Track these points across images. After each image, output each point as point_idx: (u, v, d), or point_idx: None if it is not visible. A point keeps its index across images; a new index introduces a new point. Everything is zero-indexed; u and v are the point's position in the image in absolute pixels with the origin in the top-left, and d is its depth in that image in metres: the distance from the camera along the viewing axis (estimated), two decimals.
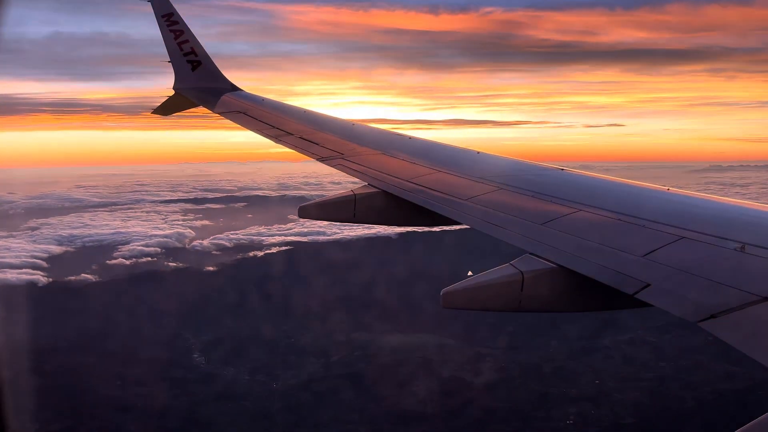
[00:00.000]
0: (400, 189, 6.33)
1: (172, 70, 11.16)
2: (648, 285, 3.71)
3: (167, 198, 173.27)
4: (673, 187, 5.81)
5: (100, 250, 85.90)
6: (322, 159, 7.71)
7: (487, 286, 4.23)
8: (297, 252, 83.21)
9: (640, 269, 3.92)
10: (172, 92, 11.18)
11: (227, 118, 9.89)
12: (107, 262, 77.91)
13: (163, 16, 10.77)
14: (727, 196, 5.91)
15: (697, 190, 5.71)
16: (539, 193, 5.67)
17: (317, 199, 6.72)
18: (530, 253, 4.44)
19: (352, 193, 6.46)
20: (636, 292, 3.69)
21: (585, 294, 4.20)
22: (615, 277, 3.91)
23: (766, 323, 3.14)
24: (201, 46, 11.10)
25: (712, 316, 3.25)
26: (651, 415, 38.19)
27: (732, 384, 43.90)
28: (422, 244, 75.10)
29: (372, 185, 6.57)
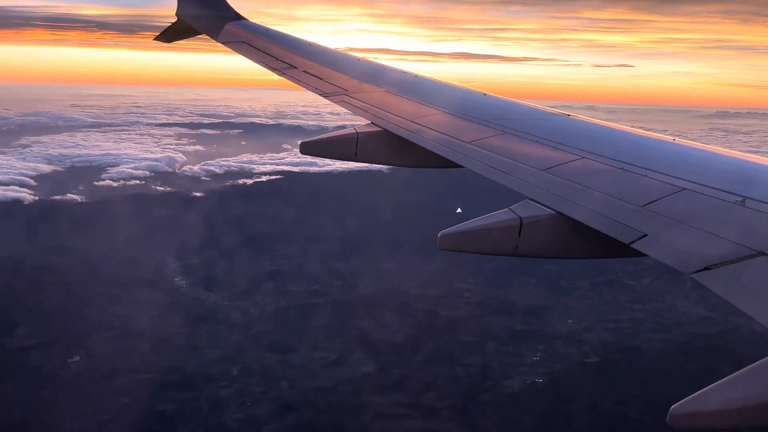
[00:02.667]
0: (403, 129, 6.25)
1: None
2: (645, 235, 3.72)
3: (162, 121, 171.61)
4: (676, 133, 5.75)
5: (89, 171, 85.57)
6: (325, 94, 7.62)
7: (484, 230, 4.25)
8: (287, 181, 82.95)
9: (638, 219, 3.93)
10: (174, 18, 10.85)
11: (230, 48, 9.70)
12: (95, 183, 77.73)
13: None
14: (729, 144, 5.62)
15: (700, 136, 5.75)
16: (543, 138, 5.61)
17: (319, 136, 6.66)
18: (530, 199, 4.44)
19: (354, 131, 6.40)
20: (632, 242, 3.71)
21: (582, 241, 4.26)
22: (612, 226, 3.93)
23: (760, 277, 3.12)
24: None
25: (706, 268, 3.26)
26: (616, 354, 38.82)
27: (704, 328, 44.56)
28: (413, 181, 74.72)
29: (375, 124, 6.48)
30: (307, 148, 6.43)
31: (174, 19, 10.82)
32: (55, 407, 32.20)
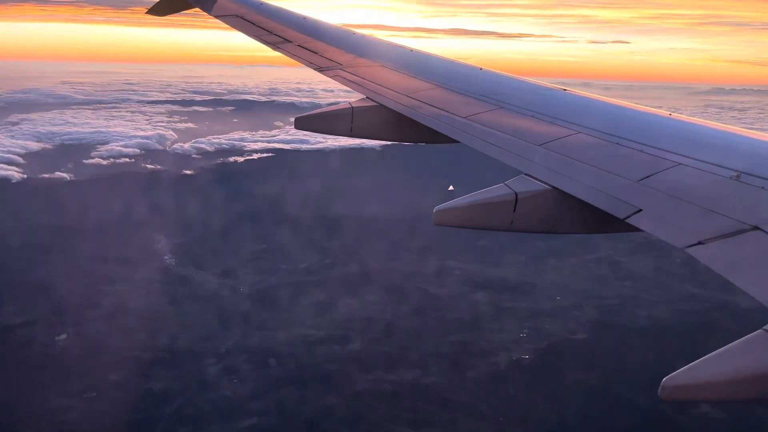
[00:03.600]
0: (399, 104, 6.20)
1: None
2: (639, 210, 3.73)
3: (154, 99, 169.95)
4: (671, 109, 5.67)
5: (78, 148, 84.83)
6: (320, 69, 7.50)
7: (480, 205, 4.26)
8: (278, 159, 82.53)
9: (633, 194, 3.94)
10: None
11: (224, 21, 9.54)
12: (84, 161, 77.11)
13: None
14: (723, 121, 5.66)
15: (695, 113, 5.79)
16: (539, 113, 5.59)
17: (314, 111, 6.59)
18: (525, 174, 4.44)
19: (349, 105, 6.33)
20: (627, 217, 3.72)
21: (577, 216, 4.27)
22: (607, 201, 3.94)
23: (753, 251, 3.13)
24: None
25: (700, 243, 3.26)
26: (602, 331, 39.05)
27: (691, 305, 44.87)
28: (405, 158, 74.46)
29: (370, 98, 6.42)
30: (301, 123, 6.37)
31: None
32: (42, 385, 32.29)
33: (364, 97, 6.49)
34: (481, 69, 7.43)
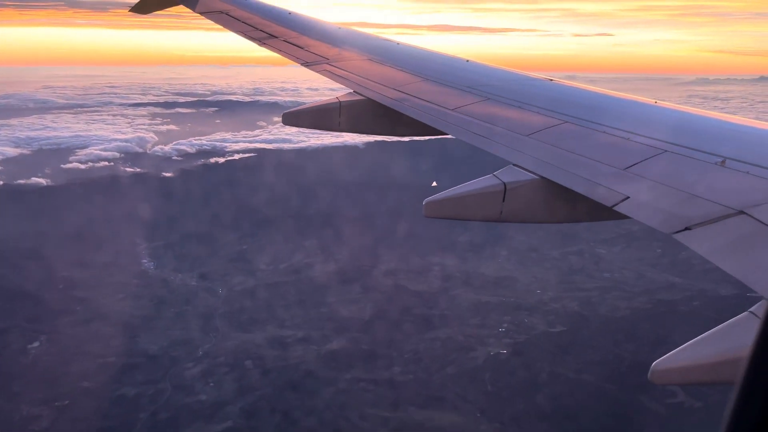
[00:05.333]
0: (386, 97, 6.19)
1: None
2: (627, 198, 3.78)
3: (137, 101, 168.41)
4: (658, 99, 5.71)
5: (56, 153, 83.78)
6: (306, 64, 7.49)
7: (469, 196, 4.29)
8: (259, 159, 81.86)
9: (620, 182, 3.98)
10: None
11: (209, 18, 9.44)
12: (62, 166, 76.12)
13: None
14: (707, 110, 5.73)
15: (678, 103, 5.63)
16: (526, 104, 5.62)
17: (302, 106, 6.59)
18: (514, 164, 4.47)
19: (337, 100, 6.32)
20: (615, 205, 3.76)
21: (565, 205, 4.32)
22: (595, 189, 3.98)
23: (739, 235, 3.16)
24: None
25: (687, 229, 3.32)
26: (580, 323, 39.00)
27: (671, 294, 44.96)
28: (388, 155, 74.17)
29: (357, 92, 6.41)
30: (289, 119, 6.34)
31: None
32: (13, 395, 31.75)
33: (352, 91, 6.46)
34: (467, 61, 7.44)
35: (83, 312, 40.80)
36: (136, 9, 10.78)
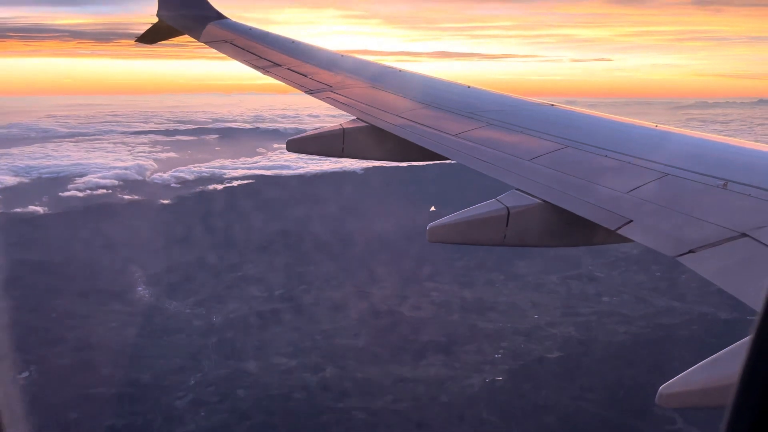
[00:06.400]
0: (389, 123, 6.27)
1: None
2: (630, 221, 3.77)
3: (138, 129, 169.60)
4: (658, 123, 5.72)
5: (55, 182, 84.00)
6: (310, 91, 7.60)
7: (473, 221, 4.29)
8: (258, 186, 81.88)
9: (623, 205, 3.98)
10: (155, 19, 10.70)
11: (213, 47, 9.64)
12: (60, 194, 76.21)
13: None
14: (706, 133, 5.63)
15: (678, 127, 5.66)
16: (528, 129, 5.65)
17: (306, 133, 6.72)
18: (516, 189, 4.48)
19: (340, 127, 6.41)
20: (618, 228, 3.76)
21: (568, 229, 4.31)
22: (598, 213, 3.98)
23: (742, 258, 3.17)
24: None
25: (691, 251, 3.31)
26: (577, 348, 38.43)
27: (669, 318, 44.40)
28: (387, 181, 74.17)
29: (361, 119, 6.50)
30: (293, 146, 6.44)
31: (155, 20, 10.66)
32: None
33: (355, 117, 6.55)
34: (469, 87, 7.56)
35: (75, 341, 40.35)
36: (142, 39, 10.92)
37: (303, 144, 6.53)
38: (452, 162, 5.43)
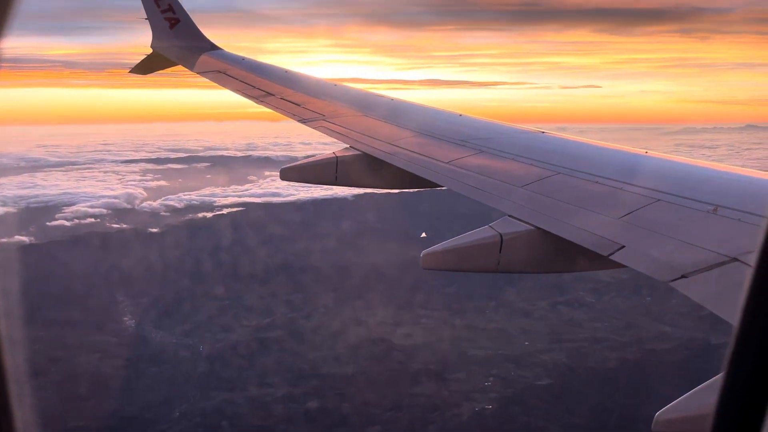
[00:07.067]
0: (382, 152, 6.31)
1: (129, 26, 10.42)
2: (623, 247, 3.77)
3: (129, 158, 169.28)
4: (643, 150, 5.74)
5: (43, 211, 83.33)
6: (303, 120, 7.66)
7: (466, 248, 4.28)
8: (247, 213, 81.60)
9: (615, 231, 3.98)
10: (149, 50, 10.85)
11: (207, 78, 9.72)
12: (47, 223, 75.57)
13: None
14: (694, 158, 5.75)
15: (667, 153, 5.65)
16: (519, 156, 5.67)
17: (299, 161, 6.74)
18: (509, 215, 4.48)
19: (334, 155, 6.44)
20: (611, 254, 3.75)
21: (561, 255, 4.31)
22: (591, 239, 3.97)
23: (734, 282, 3.15)
24: (179, 2, 10.59)
25: (683, 276, 3.32)
26: (568, 375, 38.02)
27: (661, 344, 44.15)
28: (378, 207, 74.03)
29: (354, 147, 6.54)
30: (287, 174, 6.52)
31: (149, 51, 10.75)
32: None
33: (348, 146, 6.58)
34: (460, 115, 7.62)
35: (58, 373, 39.54)
36: (136, 70, 10.97)
37: (297, 172, 6.57)
38: (444, 188, 5.44)
